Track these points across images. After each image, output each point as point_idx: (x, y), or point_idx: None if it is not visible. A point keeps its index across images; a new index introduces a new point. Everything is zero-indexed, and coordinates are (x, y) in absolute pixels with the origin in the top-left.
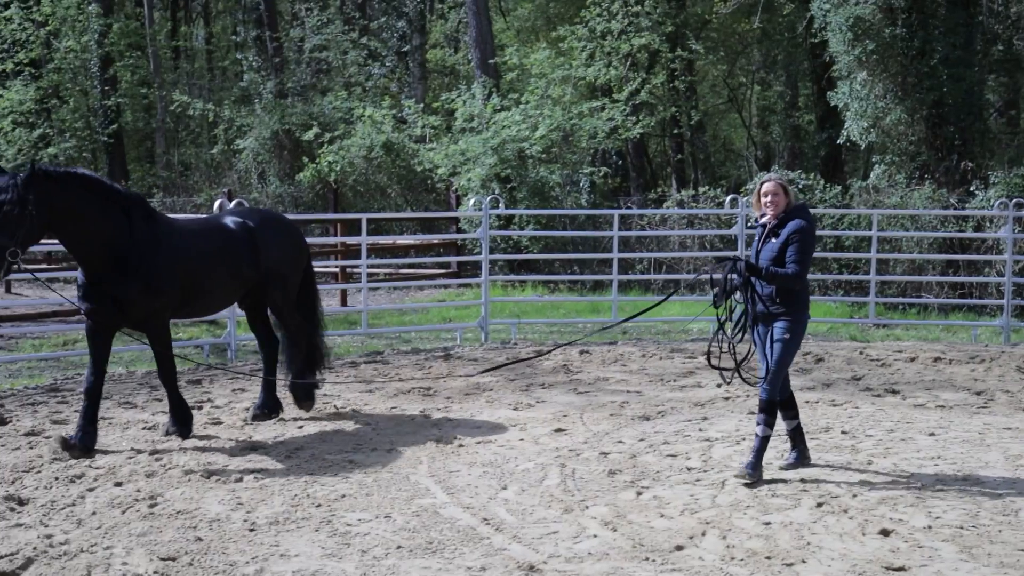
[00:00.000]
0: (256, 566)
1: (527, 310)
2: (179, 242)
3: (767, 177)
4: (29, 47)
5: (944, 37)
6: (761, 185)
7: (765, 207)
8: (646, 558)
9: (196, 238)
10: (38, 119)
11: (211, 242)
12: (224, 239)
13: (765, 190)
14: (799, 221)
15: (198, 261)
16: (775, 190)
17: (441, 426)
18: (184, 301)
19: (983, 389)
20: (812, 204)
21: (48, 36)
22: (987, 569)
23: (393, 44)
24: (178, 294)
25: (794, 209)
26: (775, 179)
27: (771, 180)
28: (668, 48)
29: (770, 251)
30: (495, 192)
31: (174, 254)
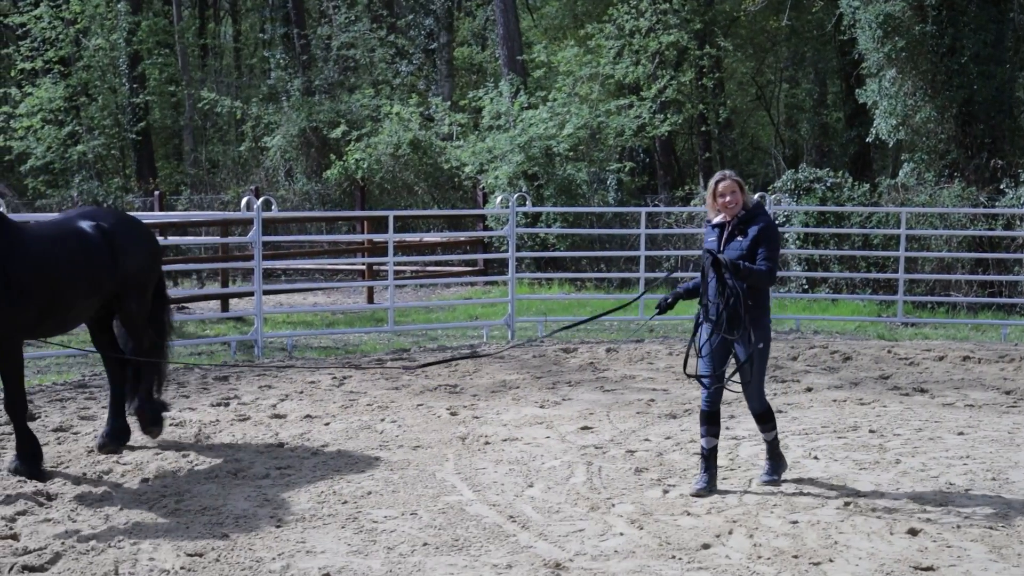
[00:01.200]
0: (282, 562)
1: (554, 308)
2: (35, 249)
3: (722, 175)
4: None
5: (974, 34)
6: (716, 184)
7: (723, 207)
8: (672, 556)
9: (53, 244)
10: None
11: (68, 249)
12: (81, 244)
13: (722, 189)
14: (766, 219)
15: (57, 271)
16: (732, 188)
17: (467, 423)
18: (40, 317)
19: (1012, 388)
20: (840, 202)
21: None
22: (1017, 570)
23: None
24: (35, 309)
25: (756, 207)
26: (731, 177)
27: (727, 179)
28: (696, 45)
29: (736, 250)
30: (522, 190)
31: (31, 263)
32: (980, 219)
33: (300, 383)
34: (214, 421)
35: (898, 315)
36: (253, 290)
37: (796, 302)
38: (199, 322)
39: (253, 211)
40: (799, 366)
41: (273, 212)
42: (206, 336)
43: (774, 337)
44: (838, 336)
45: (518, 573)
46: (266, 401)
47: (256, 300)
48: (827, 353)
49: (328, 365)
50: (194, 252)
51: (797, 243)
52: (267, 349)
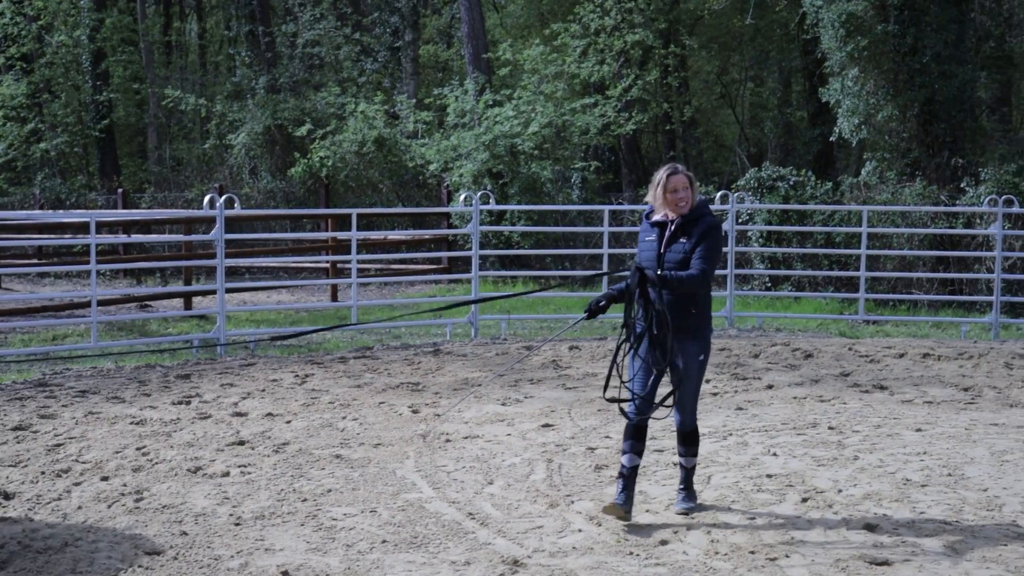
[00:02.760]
0: (241, 560)
1: (517, 306)
2: None
3: (674, 168)
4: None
5: (936, 34)
6: (668, 177)
7: (673, 204)
8: (630, 552)
9: None
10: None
11: None
12: None
13: (675, 183)
14: (711, 219)
15: None
16: (686, 184)
17: (428, 421)
18: None
19: (971, 385)
20: (803, 200)
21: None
22: (969, 564)
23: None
24: None
25: (700, 207)
26: (684, 171)
27: (680, 172)
28: (661, 44)
29: (680, 252)
30: (487, 188)
31: None
32: (941, 217)
33: (262, 381)
34: (175, 419)
35: (859, 313)
36: (216, 288)
37: (759, 300)
38: (162, 320)
39: (216, 209)
40: (760, 363)
41: (236, 210)
42: (168, 334)
43: (736, 335)
44: (800, 333)
45: (476, 570)
46: (228, 399)
47: (219, 298)
48: (789, 350)
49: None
50: (157, 250)
51: (760, 241)
52: (230, 347)
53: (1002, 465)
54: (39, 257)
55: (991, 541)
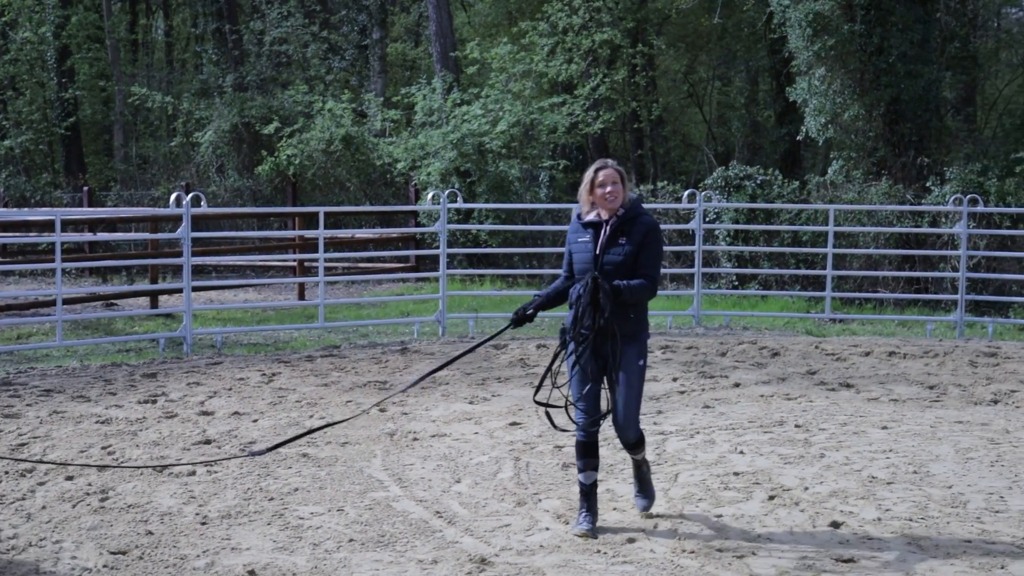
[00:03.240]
0: (207, 559)
1: (485, 304)
2: None
3: (603, 163)
4: None
5: (902, 34)
6: (596, 172)
7: (601, 200)
8: (598, 551)
9: None
10: None
11: None
12: None
13: (602, 178)
14: (650, 220)
15: None
16: (614, 178)
17: (396, 419)
18: None
19: (936, 383)
20: (770, 199)
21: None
22: (934, 560)
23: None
24: None
25: (636, 205)
26: (613, 166)
27: (609, 167)
28: (629, 43)
29: (618, 256)
30: (455, 186)
31: None
32: (906, 216)
33: (229, 380)
34: (141, 418)
35: (826, 311)
36: (182, 286)
37: (726, 298)
38: (127, 319)
39: (183, 207)
40: (727, 362)
41: (203, 208)
42: (135, 333)
43: (704, 333)
44: (767, 332)
45: (444, 568)
46: (194, 398)
47: (185, 296)
48: (756, 349)
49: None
50: (123, 248)
51: (727, 240)
52: (196, 346)
53: (967, 462)
54: (3, 255)
55: (956, 538)
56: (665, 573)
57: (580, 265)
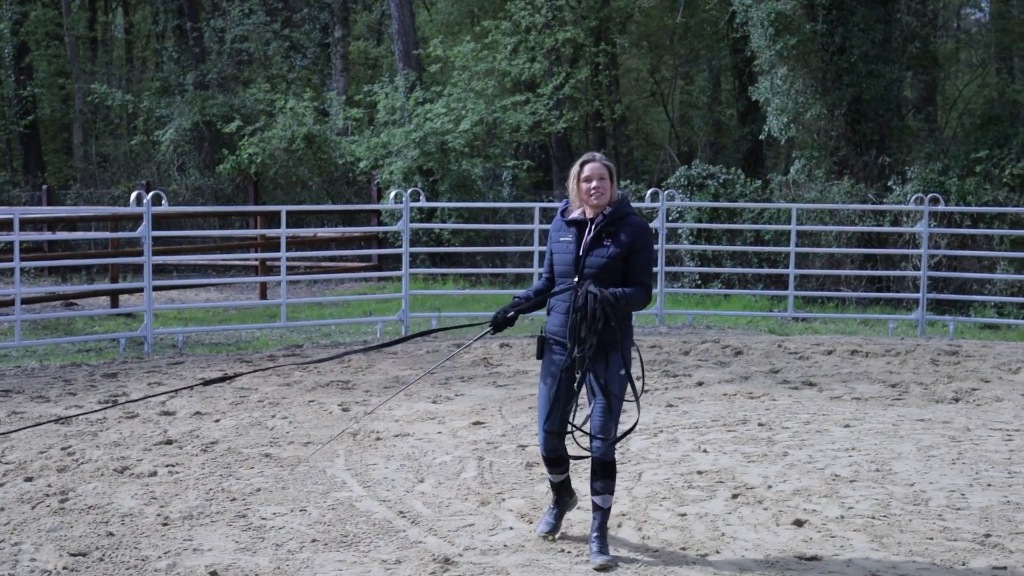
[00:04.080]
0: (168, 560)
1: (448, 303)
2: None
3: (591, 156)
4: None
5: (863, 34)
6: (582, 166)
7: (585, 196)
8: (561, 550)
9: None
10: None
11: None
12: None
13: (588, 172)
14: (639, 221)
15: None
16: (602, 173)
17: (359, 419)
18: None
19: (898, 381)
20: (732, 198)
21: None
22: (896, 558)
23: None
24: None
25: (623, 204)
26: (601, 160)
27: (596, 161)
28: (592, 42)
29: (603, 257)
30: (417, 185)
31: None
32: (868, 215)
33: (190, 380)
34: (101, 419)
35: (789, 310)
36: (143, 286)
37: (689, 297)
38: (87, 318)
39: (143, 206)
40: (691, 361)
41: (164, 207)
42: (95, 333)
43: (667, 332)
44: (730, 331)
45: (407, 569)
46: (156, 398)
47: (146, 296)
48: (719, 348)
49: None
50: (83, 247)
51: (690, 239)
52: (157, 346)
53: (928, 460)
54: None
55: (918, 535)
56: (629, 572)
57: (561, 267)
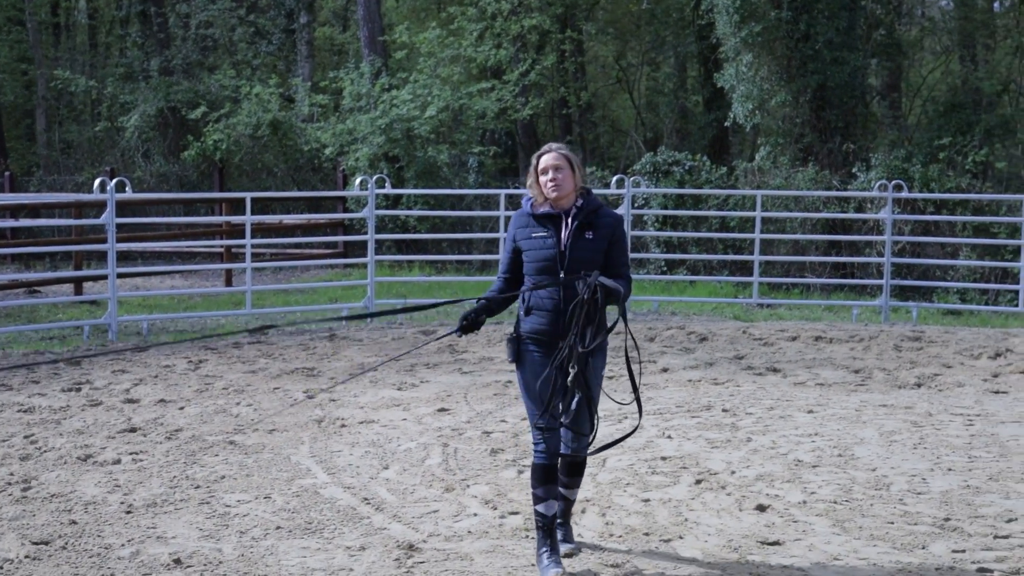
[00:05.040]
0: (132, 549)
1: (414, 290)
2: None
3: (547, 148)
4: None
5: (828, 21)
6: (538, 159)
7: (544, 188)
8: (525, 536)
9: None
10: None
11: None
12: None
13: (544, 165)
14: (611, 212)
15: None
16: (558, 164)
17: (324, 406)
18: None
19: (861, 367)
20: (698, 185)
21: None
22: (858, 542)
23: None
24: None
25: (590, 195)
26: (559, 150)
27: (552, 151)
28: (558, 29)
29: (587, 251)
30: (383, 172)
31: None
32: (833, 202)
33: (155, 367)
34: (64, 407)
35: (754, 296)
36: (107, 273)
37: (654, 284)
38: (51, 306)
39: (107, 193)
40: (656, 347)
41: (128, 194)
42: (58, 320)
43: (632, 319)
44: (695, 317)
45: (371, 555)
46: (119, 386)
47: (110, 283)
48: (684, 334)
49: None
50: (46, 234)
51: (656, 225)
52: (121, 333)
53: (890, 445)
54: None
55: (879, 519)
56: (593, 557)
57: (539, 263)
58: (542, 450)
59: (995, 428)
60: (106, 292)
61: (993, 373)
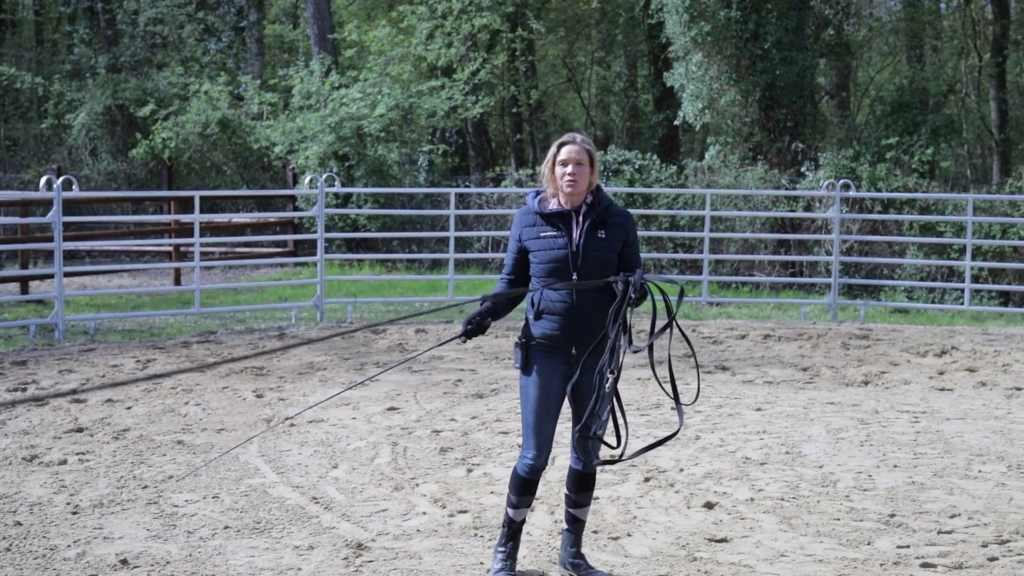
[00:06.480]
0: (78, 550)
1: (364, 289)
2: None
3: (571, 137)
4: None
5: (777, 21)
6: (559, 149)
7: (560, 181)
8: (475, 535)
9: None
10: None
11: None
12: None
13: (565, 156)
14: (622, 210)
15: None
16: (580, 159)
17: (273, 405)
18: None
19: (809, 365)
20: (648, 184)
21: None
22: (804, 538)
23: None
24: None
25: (600, 192)
26: (582, 143)
27: (576, 143)
28: (508, 28)
29: (601, 251)
30: (332, 170)
31: None
32: (782, 201)
33: (102, 367)
34: (9, 407)
35: (703, 295)
36: (54, 272)
37: None
38: None
39: (54, 191)
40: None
41: (75, 192)
42: (4, 320)
43: None
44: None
45: (320, 554)
46: (66, 386)
47: (57, 282)
48: (633, 333)
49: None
50: None
51: None
52: (68, 333)
53: (837, 442)
54: None
55: (826, 516)
56: (542, 555)
57: (549, 264)
58: (530, 465)
59: (940, 425)
60: (53, 291)
61: (939, 371)
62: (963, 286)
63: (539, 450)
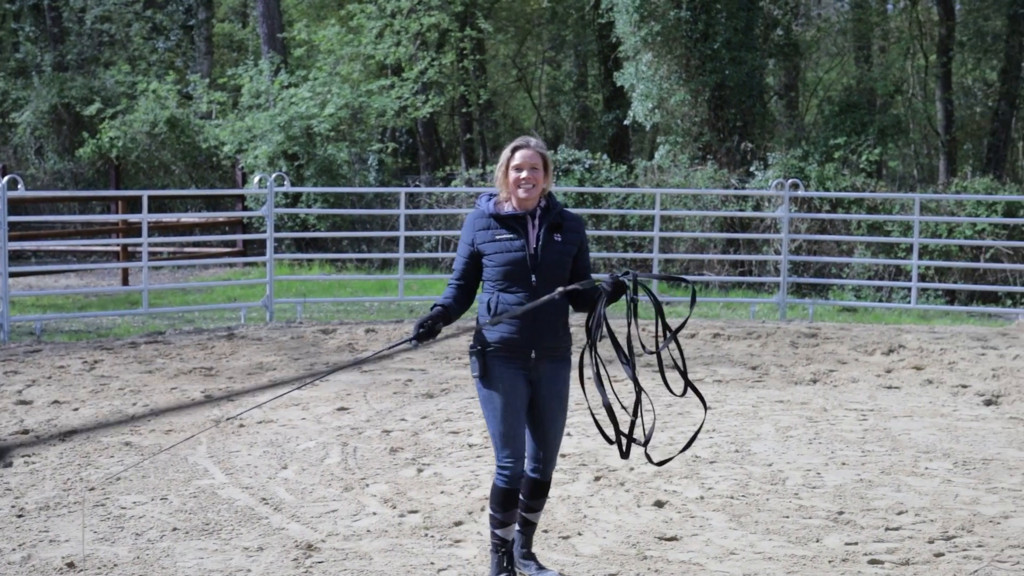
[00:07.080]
0: (23, 553)
1: (314, 289)
2: None
3: (525, 141)
4: None
5: (727, 21)
6: (513, 153)
7: (514, 186)
8: (425, 534)
9: None
10: None
11: None
12: None
13: (520, 161)
14: (575, 215)
15: None
16: (535, 163)
17: (222, 406)
18: None
19: (758, 364)
20: (598, 183)
21: None
22: (754, 536)
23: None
24: None
25: (552, 197)
26: (536, 147)
27: (531, 148)
28: (458, 27)
29: (557, 254)
30: (282, 170)
31: None
32: (731, 200)
33: (48, 368)
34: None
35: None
36: None
37: None
38: None
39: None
40: None
41: (21, 191)
42: None
43: None
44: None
45: (270, 555)
46: (11, 387)
47: (1, 283)
48: (582, 333)
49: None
50: None
51: None
52: (14, 333)
53: (786, 440)
54: None
55: (775, 513)
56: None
57: (506, 267)
58: (507, 474)
59: (887, 423)
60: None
61: (886, 369)
62: (910, 285)
63: (515, 457)
